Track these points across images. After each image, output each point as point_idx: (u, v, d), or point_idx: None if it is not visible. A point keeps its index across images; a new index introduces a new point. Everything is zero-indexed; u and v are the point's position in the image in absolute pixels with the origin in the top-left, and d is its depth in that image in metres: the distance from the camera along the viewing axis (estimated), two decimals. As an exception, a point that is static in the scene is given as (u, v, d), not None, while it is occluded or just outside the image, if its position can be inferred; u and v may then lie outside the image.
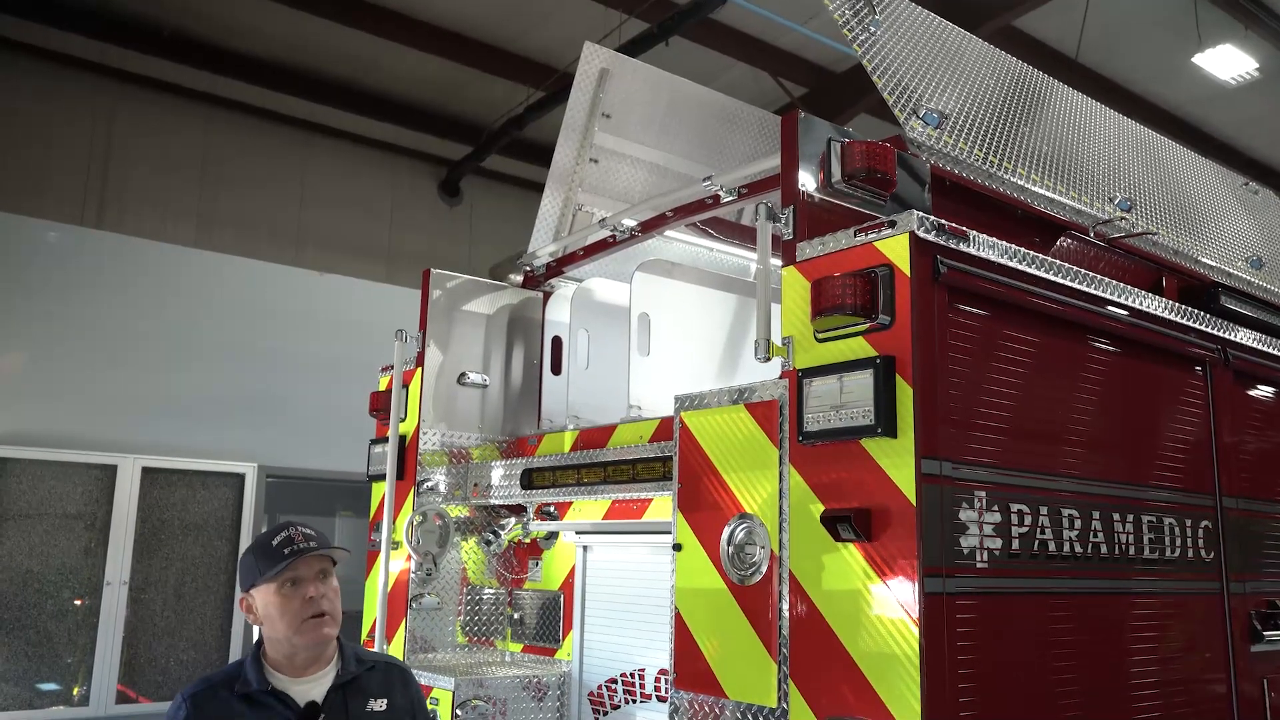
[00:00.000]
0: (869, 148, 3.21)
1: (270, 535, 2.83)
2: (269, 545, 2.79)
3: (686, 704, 3.25)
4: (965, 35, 4.61)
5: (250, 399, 9.32)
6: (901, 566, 2.71)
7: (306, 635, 2.74)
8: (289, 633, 2.72)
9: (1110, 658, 3.27)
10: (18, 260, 8.66)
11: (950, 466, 2.81)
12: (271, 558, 2.76)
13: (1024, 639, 2.97)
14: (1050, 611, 3.06)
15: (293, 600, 2.73)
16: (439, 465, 5.09)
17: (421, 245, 13.28)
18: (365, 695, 2.83)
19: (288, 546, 2.76)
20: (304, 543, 2.77)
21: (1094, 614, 3.22)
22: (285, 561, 2.73)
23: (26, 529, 8.06)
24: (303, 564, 2.77)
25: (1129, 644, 3.34)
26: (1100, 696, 3.21)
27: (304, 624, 2.73)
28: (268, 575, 2.74)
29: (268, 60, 11.55)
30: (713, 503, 3.29)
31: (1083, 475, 3.23)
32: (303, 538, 2.79)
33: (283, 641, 2.74)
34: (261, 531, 2.87)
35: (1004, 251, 3.08)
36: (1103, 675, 3.23)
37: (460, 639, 5.13)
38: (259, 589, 2.76)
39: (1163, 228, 4.58)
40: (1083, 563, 3.16)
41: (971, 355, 2.96)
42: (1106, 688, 3.24)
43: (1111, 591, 3.28)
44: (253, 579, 2.77)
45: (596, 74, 5.52)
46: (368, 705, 2.83)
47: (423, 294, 5.20)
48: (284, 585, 2.74)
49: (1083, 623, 3.16)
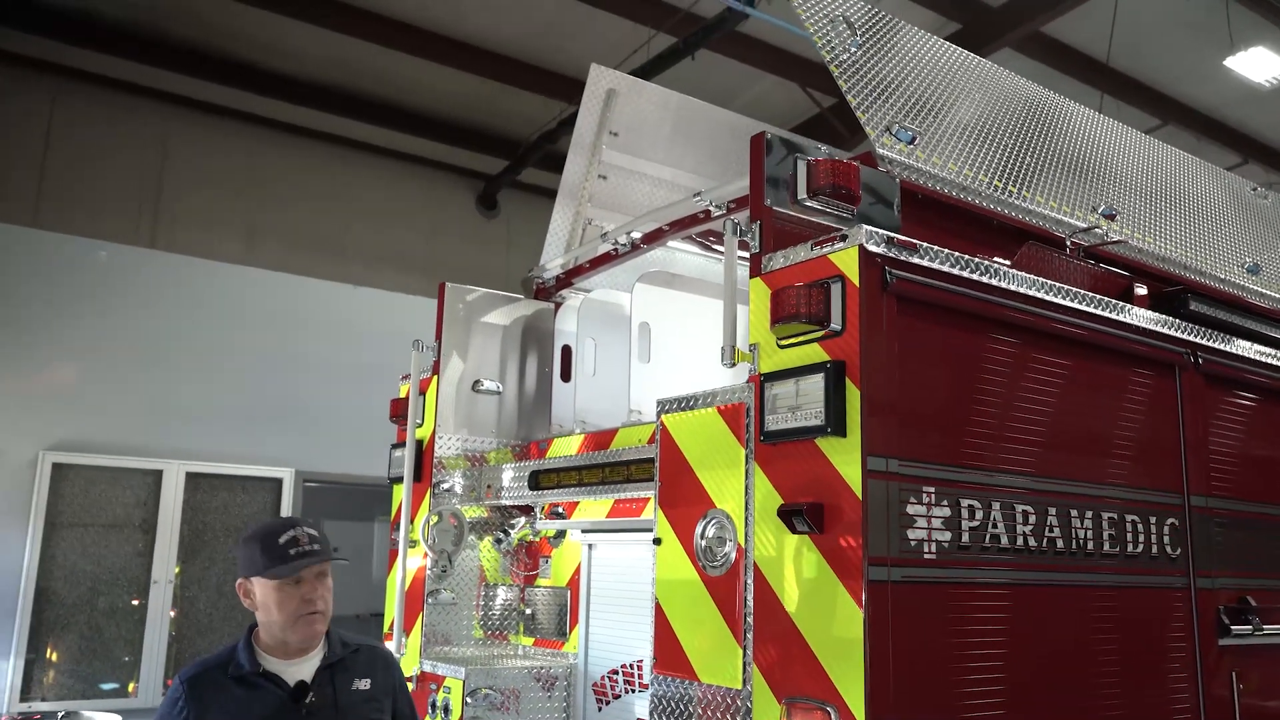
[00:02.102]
0: (833, 165, 3.41)
1: (275, 532, 2.96)
2: (275, 543, 2.92)
3: (664, 687, 3.47)
4: (954, 50, 4.75)
5: (288, 407, 9.76)
6: (849, 557, 2.90)
7: (300, 630, 2.93)
8: (284, 626, 2.92)
9: (1070, 648, 3.42)
10: (76, 279, 9.18)
11: (897, 464, 2.99)
12: (278, 558, 2.90)
13: (978, 627, 3.13)
14: (1004, 602, 3.22)
15: (292, 598, 2.91)
16: (458, 468, 5.36)
17: (460, 257, 13.64)
18: (350, 675, 3.04)
19: (294, 548, 2.91)
20: (308, 545, 2.93)
21: (1051, 606, 3.37)
22: (292, 566, 2.89)
23: (80, 530, 8.57)
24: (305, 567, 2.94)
25: (1089, 635, 3.48)
26: (1062, 685, 3.36)
27: (299, 620, 2.92)
28: (269, 574, 2.89)
29: (312, 82, 11.99)
30: (688, 499, 3.51)
31: (1038, 473, 3.39)
32: (308, 540, 2.95)
33: (276, 631, 2.94)
34: (264, 521, 3.08)
35: (954, 262, 3.26)
36: (1063, 665, 3.38)
37: (478, 634, 5.39)
38: (258, 581, 2.93)
39: (1148, 235, 4.70)
40: (1037, 556, 3.32)
41: (921, 360, 3.15)
42: (1067, 677, 3.38)
43: (1068, 584, 3.43)
44: (256, 571, 2.93)
45: (604, 94, 5.78)
46: (352, 684, 3.03)
47: (439, 306, 5.49)
48: (286, 583, 2.91)
49: (1039, 614, 3.32)
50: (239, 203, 12.16)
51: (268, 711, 2.87)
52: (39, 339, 8.84)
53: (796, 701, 2.97)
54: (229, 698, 2.85)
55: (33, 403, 8.71)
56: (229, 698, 2.85)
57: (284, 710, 2.89)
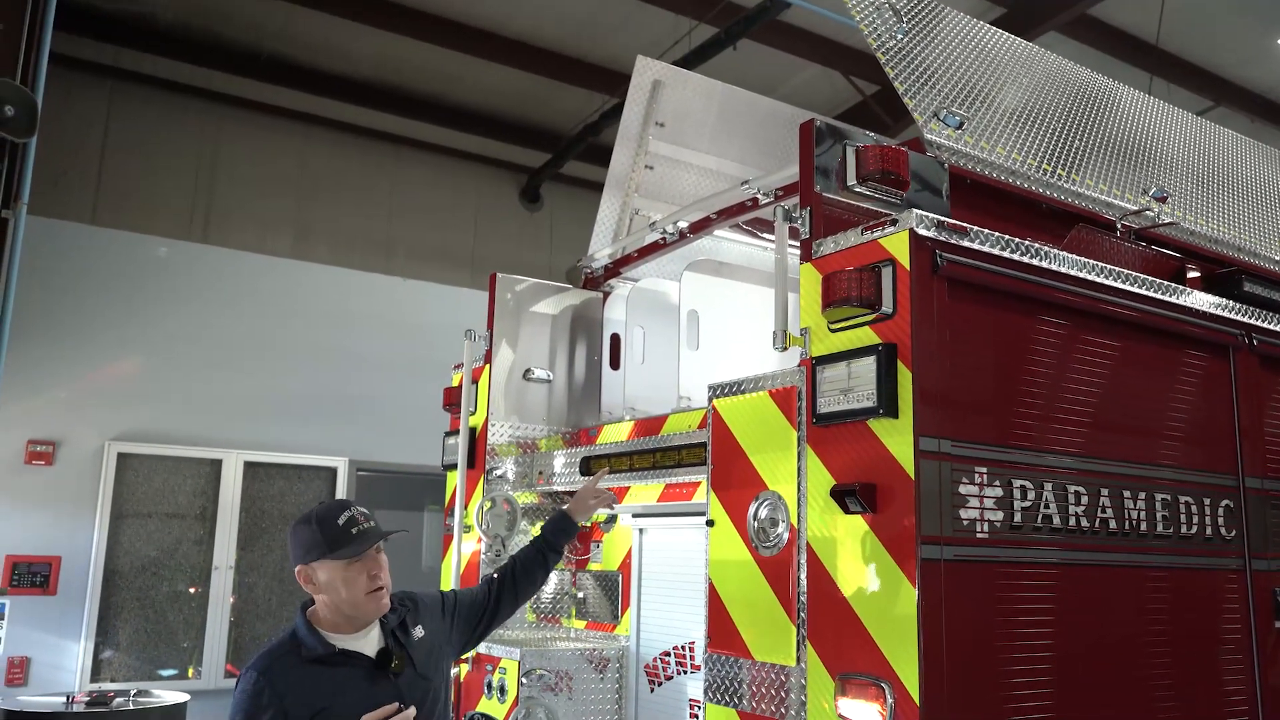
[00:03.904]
0: (883, 151, 3.45)
1: (333, 514, 3.05)
2: (335, 525, 3.01)
3: (717, 665, 3.54)
4: (1000, 34, 4.74)
5: (341, 398, 9.97)
6: (902, 536, 2.95)
7: (370, 606, 3.04)
8: (354, 604, 3.01)
9: (1122, 629, 3.43)
10: (134, 274, 9.44)
11: (950, 444, 3.03)
12: (343, 538, 2.99)
13: (1029, 606, 3.16)
14: (1055, 581, 3.25)
15: (360, 575, 3.01)
16: (509, 455, 5.47)
17: (504, 251, 13.77)
18: (408, 631, 3.18)
19: (354, 527, 3.02)
20: (366, 524, 3.05)
21: (1103, 586, 3.39)
22: (359, 544, 2.99)
23: (143, 519, 8.85)
24: (365, 543, 3.05)
25: (1142, 617, 3.49)
26: (1113, 666, 3.38)
27: (369, 596, 3.03)
28: (338, 554, 2.98)
29: (358, 79, 12.17)
30: (741, 481, 3.57)
31: (1090, 454, 3.41)
32: (363, 518, 3.06)
33: (345, 610, 3.03)
34: (315, 507, 3.18)
35: (1005, 245, 3.29)
36: (1115, 646, 3.40)
37: (530, 617, 5.50)
38: (323, 563, 3.01)
39: (1201, 217, 4.67)
40: (1089, 537, 3.35)
41: (972, 343, 3.18)
42: (1119, 658, 3.40)
43: (1120, 565, 3.44)
44: (320, 554, 3.00)
45: (649, 85, 5.84)
46: (414, 637, 3.19)
47: (490, 296, 5.59)
48: (352, 562, 3.01)
49: (1090, 594, 3.34)
50: (289, 199, 12.38)
51: (360, 686, 2.97)
52: (102, 333, 9.10)
53: (851, 678, 3.03)
54: (310, 681, 2.91)
55: (97, 395, 8.97)
56: (310, 681, 2.91)
57: (374, 681, 3.01)
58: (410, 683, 3.10)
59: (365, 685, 2.98)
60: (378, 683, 3.01)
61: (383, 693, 2.99)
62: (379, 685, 3.01)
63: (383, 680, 3.03)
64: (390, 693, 3.00)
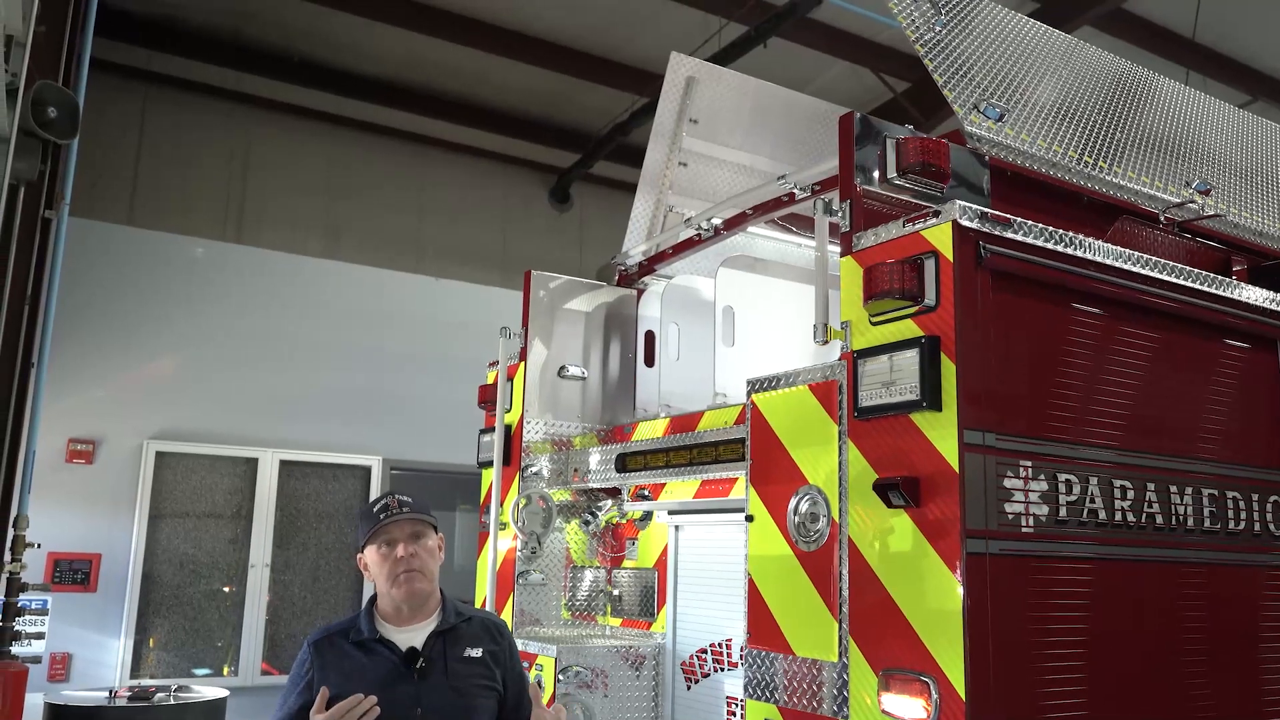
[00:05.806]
0: (923, 144, 3.42)
1: (374, 502, 3.23)
2: (370, 511, 3.19)
3: (758, 660, 3.53)
4: (1038, 26, 4.70)
5: (375, 397, 10.04)
6: (946, 530, 2.92)
7: (400, 588, 3.07)
8: (387, 586, 3.09)
9: (1169, 624, 3.39)
10: (170, 274, 9.56)
11: (994, 438, 3.01)
12: (370, 521, 3.16)
13: (1074, 600, 3.13)
14: (1100, 576, 3.21)
15: (388, 559, 3.09)
16: (544, 453, 5.48)
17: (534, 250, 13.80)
18: (462, 643, 3.15)
19: (384, 513, 3.15)
20: (397, 509, 3.15)
21: (1148, 581, 3.35)
22: (378, 524, 3.12)
23: (181, 518, 8.95)
24: (395, 527, 3.11)
25: (1189, 612, 3.45)
26: (1159, 660, 3.34)
27: (397, 579, 3.07)
28: (366, 537, 3.14)
29: (387, 80, 12.25)
30: (780, 476, 3.56)
31: (1135, 449, 3.37)
32: (397, 504, 3.16)
33: (385, 595, 3.11)
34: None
35: (1049, 236, 3.26)
36: (1161, 640, 3.35)
37: (565, 615, 5.51)
38: (367, 549, 3.15)
39: (1245, 210, 4.60)
40: (1134, 531, 3.31)
41: (1017, 334, 3.15)
42: (1165, 652, 3.36)
43: (1166, 560, 3.40)
44: (362, 542, 3.17)
45: (683, 82, 5.84)
46: (464, 652, 3.14)
47: (524, 294, 5.61)
48: (382, 546, 3.11)
49: (1135, 588, 3.30)
50: (320, 199, 12.48)
51: (381, 674, 2.99)
52: (139, 333, 9.22)
53: (894, 673, 3.01)
54: (348, 661, 3.01)
55: (136, 394, 9.09)
56: (348, 661, 3.01)
57: (396, 674, 3.02)
58: (434, 689, 3.03)
59: (385, 676, 2.99)
60: (399, 678, 3.01)
61: (398, 688, 2.98)
62: (399, 680, 3.00)
63: (405, 677, 3.02)
64: (407, 691, 2.99)
